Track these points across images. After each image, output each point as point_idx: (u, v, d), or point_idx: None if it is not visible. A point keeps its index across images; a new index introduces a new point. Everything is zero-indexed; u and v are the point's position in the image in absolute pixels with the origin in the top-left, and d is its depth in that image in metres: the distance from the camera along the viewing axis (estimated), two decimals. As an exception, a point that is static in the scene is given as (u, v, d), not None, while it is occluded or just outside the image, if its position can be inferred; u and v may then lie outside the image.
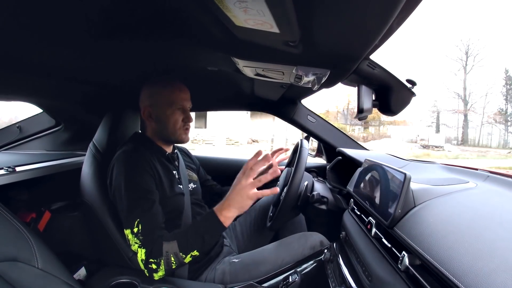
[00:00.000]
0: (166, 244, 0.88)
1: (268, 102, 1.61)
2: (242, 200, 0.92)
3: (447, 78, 38.07)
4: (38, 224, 1.24)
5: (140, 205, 0.92)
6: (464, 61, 27.87)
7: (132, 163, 0.98)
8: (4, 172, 1.11)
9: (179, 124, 1.08)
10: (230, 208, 0.92)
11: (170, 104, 1.06)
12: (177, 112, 1.07)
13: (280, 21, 0.48)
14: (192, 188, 1.18)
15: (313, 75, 0.78)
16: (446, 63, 43.88)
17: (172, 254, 0.87)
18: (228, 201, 0.93)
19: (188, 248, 0.89)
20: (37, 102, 1.46)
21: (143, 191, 0.94)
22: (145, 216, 0.91)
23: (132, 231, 0.89)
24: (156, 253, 0.87)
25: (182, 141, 1.12)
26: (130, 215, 0.91)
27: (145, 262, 0.88)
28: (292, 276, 0.96)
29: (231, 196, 0.93)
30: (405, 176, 0.67)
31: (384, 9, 0.44)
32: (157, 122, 1.08)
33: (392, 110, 0.95)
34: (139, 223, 0.89)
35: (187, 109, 1.10)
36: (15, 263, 0.68)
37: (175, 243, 0.88)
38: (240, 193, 0.92)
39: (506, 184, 0.78)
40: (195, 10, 0.53)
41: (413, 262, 0.56)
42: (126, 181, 0.95)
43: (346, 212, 1.04)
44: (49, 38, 0.73)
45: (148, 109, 1.07)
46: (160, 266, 0.87)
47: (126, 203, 0.93)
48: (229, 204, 0.92)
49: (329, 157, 1.66)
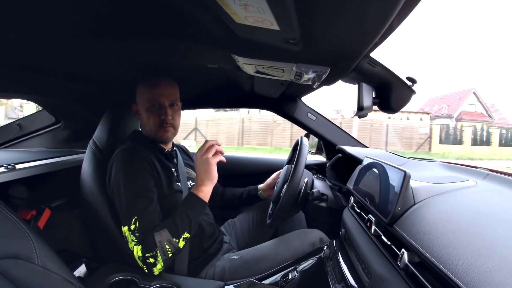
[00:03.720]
0: (157, 234, 0.90)
1: (268, 99, 1.60)
2: (208, 169, 1.00)
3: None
4: (38, 222, 1.24)
5: (138, 203, 0.93)
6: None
7: (131, 161, 0.99)
8: (4, 169, 1.11)
9: (156, 120, 1.07)
10: (203, 181, 1.00)
11: (146, 101, 1.07)
12: (152, 109, 1.07)
13: (280, 19, 0.48)
14: (191, 185, 1.18)
15: (313, 73, 0.78)
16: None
17: (166, 242, 0.90)
18: (199, 177, 1.01)
19: (179, 232, 0.92)
20: (36, 100, 1.46)
21: (141, 189, 0.96)
22: (142, 214, 0.92)
23: (129, 228, 0.91)
24: (150, 246, 0.89)
25: (162, 140, 1.12)
26: (128, 212, 0.92)
27: (142, 258, 0.90)
28: (291, 273, 0.97)
29: (198, 172, 1.01)
30: (405, 174, 0.67)
31: (384, 6, 0.44)
32: (142, 120, 1.11)
33: (392, 108, 0.95)
34: (136, 221, 0.91)
35: (164, 105, 1.07)
36: (16, 261, 0.68)
37: (166, 230, 0.91)
38: (204, 164, 1.00)
39: (505, 182, 0.78)
40: (195, 8, 0.53)
41: (413, 259, 0.56)
42: (125, 179, 0.96)
43: (346, 210, 1.04)
44: (48, 38, 0.72)
45: (136, 107, 1.11)
46: (157, 258, 0.89)
47: (124, 201, 0.94)
48: (201, 179, 1.00)
49: (329, 154, 1.66)
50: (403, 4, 0.43)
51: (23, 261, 0.69)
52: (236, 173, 1.70)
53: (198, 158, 1.01)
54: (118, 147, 1.06)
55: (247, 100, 1.73)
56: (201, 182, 1.00)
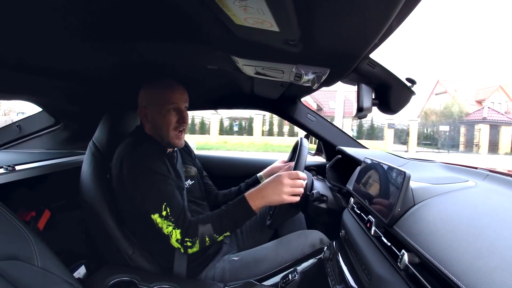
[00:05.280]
0: (201, 226, 0.94)
1: (268, 100, 1.60)
2: (274, 196, 0.97)
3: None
4: (38, 223, 1.24)
5: (162, 189, 0.96)
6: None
7: (143, 152, 0.99)
8: (4, 171, 1.11)
9: (173, 125, 1.05)
10: (263, 199, 0.98)
11: (163, 104, 1.04)
12: (171, 113, 1.05)
13: (280, 20, 0.48)
14: (189, 185, 1.18)
15: (313, 74, 0.78)
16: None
17: (207, 235, 0.95)
18: (262, 193, 0.98)
19: (221, 231, 0.96)
20: (36, 101, 1.46)
21: (162, 176, 0.98)
22: (170, 198, 0.95)
23: (160, 215, 0.93)
24: (192, 234, 0.94)
25: (175, 145, 1.10)
26: (155, 200, 0.94)
27: (180, 241, 0.94)
28: (291, 274, 0.96)
29: (267, 191, 0.98)
30: (405, 174, 0.67)
31: (384, 7, 0.44)
32: (152, 123, 1.07)
33: (391, 109, 0.95)
34: (167, 206, 0.94)
35: (182, 109, 1.07)
36: (15, 262, 0.68)
37: (210, 226, 0.95)
38: (276, 190, 0.97)
39: (505, 183, 0.78)
40: (194, 9, 0.53)
41: (413, 260, 0.56)
42: (143, 169, 0.96)
43: (346, 211, 1.04)
44: (48, 38, 0.72)
45: (144, 110, 1.07)
46: (195, 245, 0.94)
47: (147, 190, 0.95)
48: (263, 196, 0.98)
49: (328, 155, 1.66)
50: (403, 5, 0.43)
51: (23, 262, 0.69)
52: (230, 175, 1.70)
53: (282, 179, 0.97)
54: (123, 143, 1.05)
55: (246, 101, 1.73)
56: (261, 198, 0.98)
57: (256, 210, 0.98)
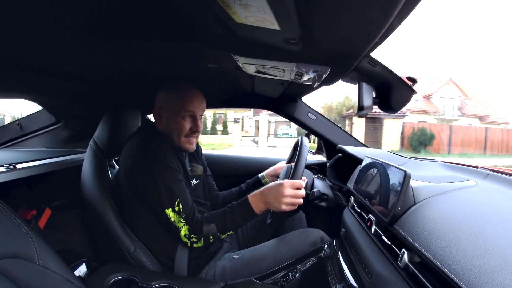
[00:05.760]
0: (206, 226, 0.99)
1: (269, 99, 1.60)
2: (275, 204, 1.00)
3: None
4: (39, 221, 1.24)
5: (176, 185, 0.99)
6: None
7: (159, 147, 1.01)
8: (5, 169, 1.11)
9: (186, 132, 1.06)
10: (264, 205, 1.02)
11: (179, 110, 1.04)
12: (186, 120, 1.05)
13: (280, 18, 0.48)
14: (194, 184, 1.18)
15: (314, 72, 0.78)
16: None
17: (211, 234, 1.00)
18: (264, 199, 1.02)
19: (225, 230, 1.01)
20: (37, 100, 1.46)
21: (176, 173, 1.01)
22: (183, 196, 0.99)
23: (173, 209, 0.97)
24: (197, 232, 0.99)
25: (185, 149, 1.10)
26: (171, 196, 0.98)
27: (188, 236, 0.99)
28: (292, 273, 0.97)
29: (269, 197, 1.01)
30: (405, 173, 0.67)
31: (384, 6, 0.43)
32: (165, 126, 1.08)
33: (392, 108, 0.95)
34: (179, 203, 0.98)
35: (197, 117, 1.07)
36: (16, 260, 0.68)
37: (214, 226, 0.99)
38: (277, 199, 1.00)
39: (506, 182, 0.78)
40: (195, 8, 0.53)
41: (413, 259, 0.56)
42: (159, 164, 0.99)
43: (346, 209, 1.04)
44: (48, 38, 0.72)
45: (159, 111, 1.08)
46: (200, 241, 1.00)
47: (163, 185, 0.98)
48: (264, 202, 1.01)
49: (329, 154, 1.66)
50: (403, 4, 0.43)
51: (24, 261, 0.69)
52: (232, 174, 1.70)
53: (284, 190, 1.00)
54: (133, 138, 1.06)
55: (247, 99, 1.73)
56: (263, 202, 1.01)
57: (258, 213, 1.01)
